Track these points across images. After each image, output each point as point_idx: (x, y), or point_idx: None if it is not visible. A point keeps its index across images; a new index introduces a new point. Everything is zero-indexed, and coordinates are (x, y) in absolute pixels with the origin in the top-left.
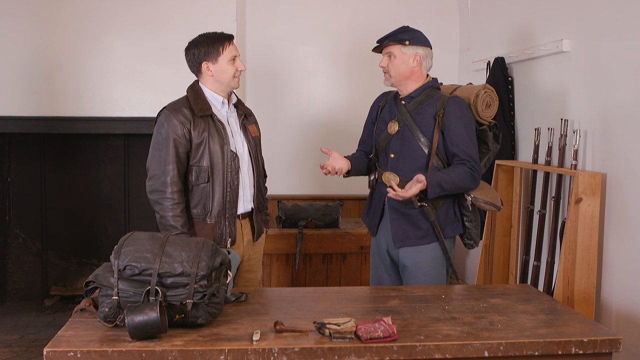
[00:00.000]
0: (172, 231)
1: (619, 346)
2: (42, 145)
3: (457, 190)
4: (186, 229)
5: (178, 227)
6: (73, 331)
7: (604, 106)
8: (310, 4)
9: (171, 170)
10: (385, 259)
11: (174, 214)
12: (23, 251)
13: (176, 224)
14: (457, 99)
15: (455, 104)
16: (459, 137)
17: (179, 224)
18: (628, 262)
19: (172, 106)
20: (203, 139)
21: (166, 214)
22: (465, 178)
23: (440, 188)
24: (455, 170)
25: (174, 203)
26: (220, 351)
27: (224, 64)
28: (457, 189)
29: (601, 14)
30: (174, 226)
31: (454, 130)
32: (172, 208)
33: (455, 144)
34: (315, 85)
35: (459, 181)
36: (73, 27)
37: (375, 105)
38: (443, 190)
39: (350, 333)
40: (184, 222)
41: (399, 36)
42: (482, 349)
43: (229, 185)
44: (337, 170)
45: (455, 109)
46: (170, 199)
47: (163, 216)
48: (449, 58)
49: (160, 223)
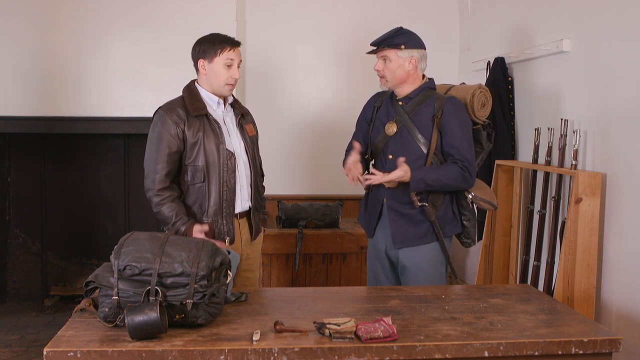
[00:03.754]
0: (169, 221)
1: (619, 346)
2: (42, 145)
3: (444, 188)
4: (182, 216)
5: (173, 216)
6: (73, 331)
7: (603, 106)
8: (310, 4)
9: (161, 170)
10: (384, 260)
11: (167, 205)
12: (23, 251)
13: (172, 214)
14: (454, 99)
15: (453, 105)
16: (456, 138)
17: (173, 214)
18: (628, 262)
19: (166, 106)
20: (198, 138)
21: (160, 209)
22: (455, 177)
23: (424, 184)
24: (444, 168)
25: (163, 198)
26: (220, 351)
27: (219, 66)
28: (444, 186)
29: (601, 14)
30: (170, 216)
31: (451, 131)
32: (162, 203)
33: (451, 145)
34: (315, 85)
35: (447, 179)
36: (73, 27)
37: (370, 106)
38: (428, 186)
39: (350, 333)
40: (178, 212)
41: (395, 40)
42: (482, 349)
43: (225, 184)
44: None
45: (453, 109)
46: (159, 195)
47: (158, 211)
48: (449, 58)
49: (158, 219)
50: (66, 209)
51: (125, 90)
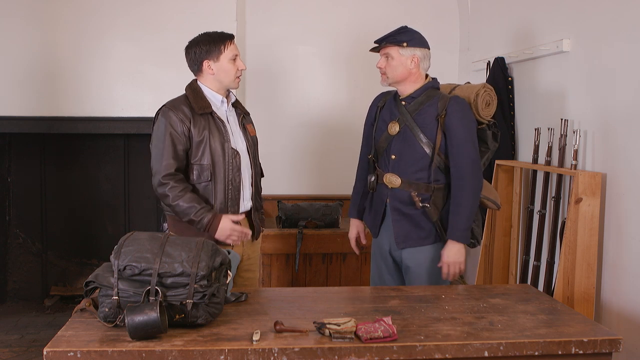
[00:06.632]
0: (193, 211)
1: (619, 346)
2: (42, 145)
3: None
4: (205, 204)
5: (195, 204)
6: (73, 331)
7: (604, 106)
8: (310, 5)
9: (172, 165)
10: (388, 260)
11: (184, 198)
12: (23, 251)
13: (192, 203)
14: (459, 99)
15: (458, 105)
16: (460, 138)
17: (195, 202)
18: (628, 262)
19: (171, 104)
20: (204, 136)
21: (177, 202)
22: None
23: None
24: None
25: (179, 190)
26: (220, 351)
27: (225, 63)
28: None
29: (601, 14)
30: (192, 206)
31: (455, 132)
32: (179, 195)
33: (455, 145)
34: (315, 85)
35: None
36: (73, 27)
37: (374, 106)
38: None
39: (350, 333)
40: (198, 200)
41: (397, 37)
42: (482, 349)
43: (230, 183)
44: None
45: (457, 109)
46: (176, 187)
47: (176, 204)
48: (449, 58)
49: (177, 212)
50: (66, 209)
51: (125, 90)
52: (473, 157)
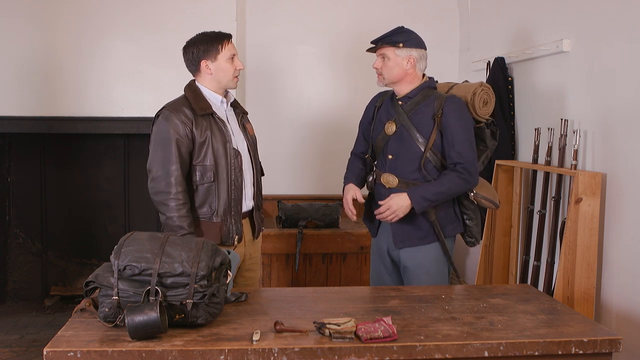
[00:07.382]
0: (179, 232)
1: (619, 346)
2: (42, 145)
3: (449, 198)
4: (192, 229)
5: (185, 227)
6: (73, 331)
7: (604, 106)
8: (310, 4)
9: (175, 171)
10: (386, 260)
11: (180, 214)
12: (23, 251)
13: (183, 224)
14: (455, 98)
15: (454, 104)
16: (456, 137)
17: (185, 224)
18: (628, 262)
19: (171, 106)
20: (206, 137)
21: (172, 214)
22: (456, 183)
23: (426, 200)
24: (441, 179)
25: (180, 204)
26: (220, 351)
27: (223, 62)
28: (448, 196)
29: (601, 14)
30: (181, 226)
31: (452, 131)
32: (178, 209)
33: (451, 145)
34: (314, 85)
35: (448, 188)
36: (73, 27)
37: (372, 106)
38: (432, 202)
39: (350, 333)
40: (190, 223)
41: (393, 38)
42: (482, 349)
43: (233, 183)
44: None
45: (453, 108)
46: (175, 200)
47: (169, 217)
48: (449, 58)
49: (166, 224)
50: (66, 209)
51: (125, 90)
52: (470, 156)
